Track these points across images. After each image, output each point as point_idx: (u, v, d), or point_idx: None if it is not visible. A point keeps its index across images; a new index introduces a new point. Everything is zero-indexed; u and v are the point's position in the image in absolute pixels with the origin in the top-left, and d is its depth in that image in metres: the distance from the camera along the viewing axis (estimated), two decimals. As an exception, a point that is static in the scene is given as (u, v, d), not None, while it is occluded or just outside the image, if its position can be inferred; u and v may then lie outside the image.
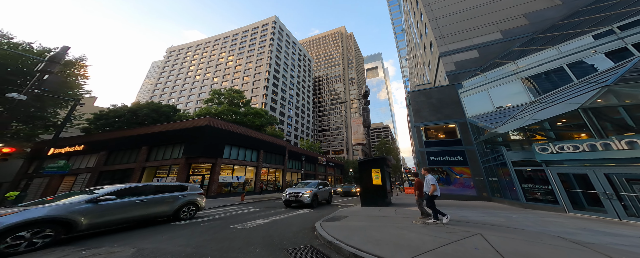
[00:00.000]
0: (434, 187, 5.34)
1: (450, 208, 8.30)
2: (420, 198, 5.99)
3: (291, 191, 10.09)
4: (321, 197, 10.95)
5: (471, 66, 17.04)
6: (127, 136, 14.76)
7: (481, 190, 12.29)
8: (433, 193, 5.32)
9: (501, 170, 10.14)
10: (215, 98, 30.59)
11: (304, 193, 9.82)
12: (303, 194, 9.78)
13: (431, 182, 5.44)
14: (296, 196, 9.81)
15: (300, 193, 9.83)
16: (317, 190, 10.40)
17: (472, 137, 13.47)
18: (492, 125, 10.67)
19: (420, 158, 15.02)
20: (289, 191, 10.13)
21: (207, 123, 13.40)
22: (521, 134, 9.76)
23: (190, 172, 12.74)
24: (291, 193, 10.03)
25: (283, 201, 10.11)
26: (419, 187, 5.93)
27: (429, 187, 5.41)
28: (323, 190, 11.21)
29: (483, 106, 13.14)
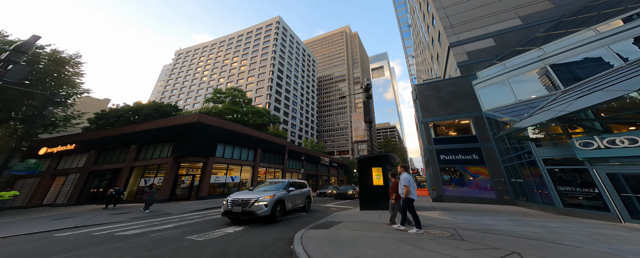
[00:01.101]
0: (407, 188, 4.46)
1: (466, 214, 6.95)
2: (397, 201, 4.98)
3: (236, 198, 6.02)
4: (293, 204, 7.37)
5: (486, 55, 15.42)
6: (117, 135, 14.32)
7: (502, 192, 10.71)
8: (408, 196, 4.44)
9: (529, 169, 8.60)
10: (216, 97, 30.32)
11: (258, 199, 5.84)
12: (256, 201, 5.76)
13: (404, 182, 4.53)
14: (245, 204, 5.76)
15: (252, 199, 5.82)
16: (283, 194, 6.68)
17: (490, 133, 11.90)
18: (515, 118, 9.17)
19: (429, 157, 13.56)
20: (232, 198, 6.06)
21: (198, 120, 12.66)
22: (554, 128, 8.22)
23: (179, 172, 12.04)
24: (235, 201, 5.90)
25: (221, 214, 6.12)
26: (395, 188, 4.94)
27: (402, 189, 4.52)
28: (295, 194, 7.51)
29: (502, 98, 11.58)
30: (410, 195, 4.43)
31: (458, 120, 14.73)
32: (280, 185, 7.41)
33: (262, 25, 67.57)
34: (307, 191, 8.81)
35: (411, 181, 4.53)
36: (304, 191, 8.49)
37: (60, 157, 14.98)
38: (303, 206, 8.37)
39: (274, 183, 7.68)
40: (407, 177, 4.55)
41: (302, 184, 8.68)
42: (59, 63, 14.28)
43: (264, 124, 31.12)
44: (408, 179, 4.52)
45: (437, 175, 12.83)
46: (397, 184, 4.88)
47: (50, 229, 5.48)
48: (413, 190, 4.47)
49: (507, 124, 10.45)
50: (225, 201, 6.17)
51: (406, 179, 4.52)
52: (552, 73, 9.87)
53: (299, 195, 7.90)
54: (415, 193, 4.51)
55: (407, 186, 4.44)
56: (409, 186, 4.43)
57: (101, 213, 8.27)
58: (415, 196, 4.48)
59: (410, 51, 76.08)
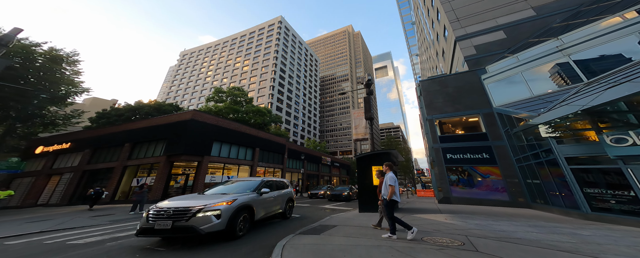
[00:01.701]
0: (392, 189, 3.98)
1: (478, 218, 6.20)
2: None
3: (163, 206, 3.84)
4: (266, 210, 5.33)
5: (496, 48, 14.52)
6: (111, 133, 14.02)
7: (516, 194, 9.83)
8: (392, 198, 3.98)
9: (548, 169, 7.75)
10: (217, 96, 30.15)
11: (206, 207, 3.80)
12: (200, 211, 3.71)
13: (390, 182, 4.08)
14: (180, 216, 3.64)
15: (194, 207, 3.73)
16: (251, 198, 4.73)
17: (502, 130, 11.03)
18: (532, 113, 8.33)
19: (435, 156, 12.76)
20: (159, 207, 3.84)
21: (192, 117, 12.20)
22: (578, 123, 7.37)
23: (174, 171, 11.64)
24: (162, 212, 3.74)
25: (135, 234, 3.84)
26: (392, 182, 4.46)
27: (387, 189, 4.04)
28: (269, 197, 5.52)
29: (516, 93, 10.71)
30: (395, 197, 3.99)
31: (466, 117, 13.90)
32: (249, 183, 5.46)
33: (264, 26, 67.65)
34: (287, 192, 6.80)
35: (397, 181, 4.17)
36: (283, 193, 6.50)
37: (56, 156, 14.87)
38: (282, 212, 6.32)
39: (241, 183, 5.56)
40: (392, 176, 4.12)
41: (281, 184, 6.82)
42: (55, 61, 14.21)
43: (265, 123, 30.75)
44: (394, 179, 4.09)
45: (443, 175, 12.02)
46: (393, 179, 4.32)
47: (6, 235, 4.90)
48: (397, 190, 4.07)
49: (522, 121, 9.60)
50: (145, 213, 3.81)
51: (392, 178, 4.07)
52: (572, 64, 8.98)
53: (276, 198, 5.90)
54: (399, 195, 4.12)
55: (392, 186, 3.97)
56: (394, 187, 3.98)
57: (82, 215, 7.85)
58: (398, 198, 4.07)
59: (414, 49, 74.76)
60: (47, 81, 14.00)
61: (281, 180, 7.05)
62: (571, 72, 8.97)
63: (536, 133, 8.10)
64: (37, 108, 14.59)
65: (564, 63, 9.36)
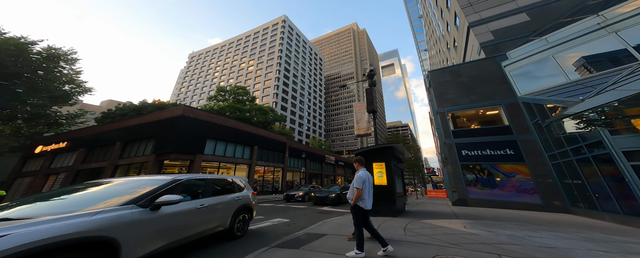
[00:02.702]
0: (358, 192, 3.00)
1: (506, 225, 4.92)
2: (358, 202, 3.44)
3: None
4: (172, 236, 2.73)
5: (519, 32, 12.91)
6: (103, 132, 13.68)
7: (549, 196, 8.32)
8: (356, 203, 3.03)
9: (596, 166, 6.29)
10: (220, 95, 29.99)
11: None
12: None
13: (356, 183, 3.08)
14: None
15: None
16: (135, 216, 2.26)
17: (530, 122, 9.51)
18: (571, 99, 6.89)
19: (447, 152, 11.38)
20: None
21: (182, 113, 11.42)
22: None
23: (169, 170, 11.09)
24: None
25: None
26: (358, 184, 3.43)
27: (353, 191, 3.10)
28: (190, 209, 3.07)
29: (547, 79, 9.22)
30: (361, 202, 3.01)
31: (483, 110, 12.39)
32: (131, 186, 2.79)
33: (268, 25, 67.70)
34: (239, 200, 4.25)
35: (368, 182, 3.10)
36: (229, 200, 4.00)
37: (54, 155, 14.87)
38: (227, 230, 3.91)
39: (117, 186, 2.86)
40: (361, 176, 3.09)
41: (227, 186, 4.26)
42: (52, 59, 14.21)
43: (267, 121, 30.23)
44: (363, 179, 3.05)
45: (458, 174, 10.64)
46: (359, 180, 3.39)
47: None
48: (367, 195, 3.06)
49: (556, 110, 8.11)
50: None
51: (360, 179, 3.05)
52: (622, 42, 7.41)
53: (208, 210, 3.41)
54: (369, 201, 3.08)
55: (359, 189, 2.99)
56: (361, 190, 3.00)
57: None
58: (368, 205, 3.05)
59: (422, 45, 71.92)
60: (44, 79, 14.04)
61: (226, 179, 4.39)
62: (618, 53, 7.42)
63: (578, 124, 6.65)
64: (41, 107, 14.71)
65: (608, 41, 7.80)
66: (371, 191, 3.13)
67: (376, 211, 6.53)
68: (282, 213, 7.79)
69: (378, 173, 6.86)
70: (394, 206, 6.46)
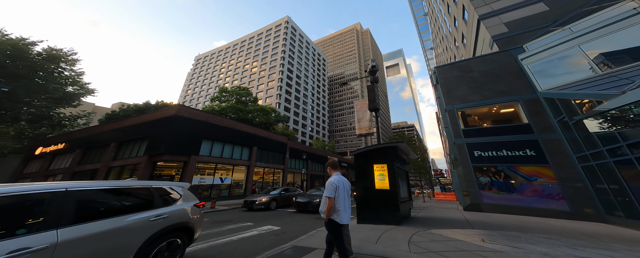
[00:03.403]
0: (330, 202, 2.32)
1: (537, 240, 4.01)
2: None
3: None
4: None
5: (537, 22, 11.92)
6: (99, 133, 13.39)
7: (579, 202, 7.33)
8: (330, 218, 2.37)
9: None
10: (222, 96, 29.93)
11: None
12: None
13: (327, 192, 2.38)
14: None
15: None
16: None
17: (554, 119, 8.53)
18: (608, 92, 5.97)
19: (458, 153, 10.48)
20: None
21: (176, 113, 11.00)
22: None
23: (155, 172, 10.58)
24: None
25: None
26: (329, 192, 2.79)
27: (324, 203, 2.42)
28: None
29: (572, 72, 8.26)
30: (335, 215, 2.31)
31: (497, 107, 11.43)
32: None
33: (271, 27, 68.04)
34: (162, 219, 2.64)
35: (342, 188, 2.40)
36: (131, 223, 2.35)
37: (53, 157, 14.81)
38: None
39: None
40: (333, 182, 2.38)
41: (134, 199, 2.65)
42: (52, 60, 14.25)
43: (269, 122, 29.88)
44: (334, 186, 2.35)
45: (470, 177, 9.73)
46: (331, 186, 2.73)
47: None
48: (342, 205, 2.35)
49: (585, 106, 7.15)
50: None
51: (331, 186, 2.35)
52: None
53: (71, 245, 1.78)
54: (345, 214, 2.36)
55: (331, 198, 2.30)
56: (334, 200, 2.30)
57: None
58: (343, 219, 2.34)
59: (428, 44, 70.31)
60: (44, 79, 14.10)
61: (134, 186, 2.75)
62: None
63: (618, 120, 5.71)
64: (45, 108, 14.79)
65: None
66: (347, 200, 2.43)
67: (379, 218, 5.82)
68: (275, 220, 7.17)
69: (379, 175, 6.14)
70: (397, 213, 5.71)
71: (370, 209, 5.99)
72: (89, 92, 17.10)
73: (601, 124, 6.39)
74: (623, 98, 5.09)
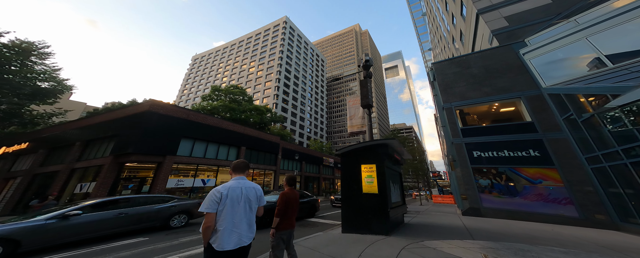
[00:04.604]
0: (207, 219, 1.61)
1: (548, 255, 3.27)
2: (279, 231, 2.45)
3: None
4: None
5: (539, 16, 11.33)
6: (65, 131, 12.25)
7: (590, 207, 6.61)
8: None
9: None
10: (215, 95, 29.16)
11: None
12: None
13: (205, 204, 1.67)
14: None
15: None
16: None
17: (559, 117, 7.85)
18: (622, 84, 5.29)
19: (456, 153, 9.77)
20: None
21: (149, 109, 10.05)
22: None
23: (124, 174, 9.65)
24: None
25: None
26: (280, 210, 2.49)
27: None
28: None
29: (578, 66, 7.63)
30: (213, 238, 1.63)
31: (497, 104, 10.77)
32: None
33: (269, 27, 67.64)
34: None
35: (233, 199, 1.71)
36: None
37: (16, 158, 13.64)
38: None
39: None
40: (218, 190, 1.71)
41: None
42: (20, 53, 13.28)
43: (264, 122, 29.11)
44: (217, 196, 1.68)
45: (468, 179, 9.01)
46: (282, 203, 2.49)
47: None
48: (227, 222, 1.66)
49: (597, 102, 6.46)
50: None
51: (211, 196, 1.67)
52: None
53: None
54: (230, 238, 1.63)
55: (209, 214, 1.63)
56: (213, 216, 1.63)
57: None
58: (225, 245, 1.60)
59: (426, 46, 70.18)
60: (11, 74, 13.13)
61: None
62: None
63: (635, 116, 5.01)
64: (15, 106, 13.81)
65: None
66: (243, 217, 1.67)
67: (366, 226, 5.06)
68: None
69: (367, 177, 5.40)
70: (386, 222, 4.95)
71: (357, 216, 5.23)
72: (67, 88, 16.19)
73: (616, 122, 5.70)
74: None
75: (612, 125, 5.73)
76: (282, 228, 2.43)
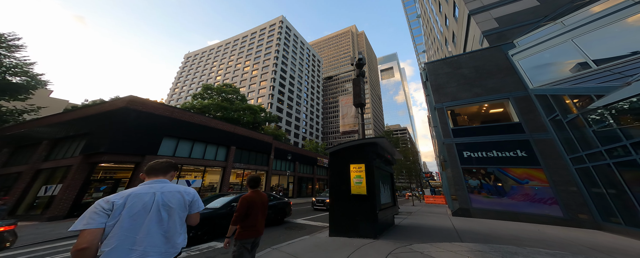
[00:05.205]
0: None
1: (534, 257, 3.19)
2: (240, 239, 2.19)
3: None
4: None
5: (527, 18, 11.51)
6: (33, 128, 11.39)
7: (573, 207, 6.66)
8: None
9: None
10: (206, 93, 28.46)
11: None
12: None
13: (81, 220, 1.12)
14: None
15: None
16: None
17: (545, 118, 7.92)
18: (606, 85, 5.33)
19: (447, 154, 9.76)
20: None
21: (126, 105, 9.32)
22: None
23: (96, 175, 8.94)
24: None
25: None
26: (238, 216, 2.24)
27: None
28: None
29: (563, 68, 7.72)
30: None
31: (486, 107, 10.88)
32: None
33: (265, 26, 66.98)
34: None
35: (129, 208, 1.23)
36: None
37: None
38: None
39: None
40: (106, 201, 1.21)
41: None
42: None
43: (257, 122, 28.61)
44: (105, 206, 1.19)
45: (459, 179, 8.99)
46: (242, 207, 2.22)
47: None
48: (116, 239, 1.16)
49: (581, 103, 6.53)
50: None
51: (95, 208, 1.17)
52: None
53: None
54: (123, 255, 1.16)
55: (83, 232, 1.09)
56: (90, 234, 1.10)
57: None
58: None
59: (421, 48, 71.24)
60: None
61: None
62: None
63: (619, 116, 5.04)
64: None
65: None
66: (146, 228, 1.25)
67: (354, 229, 4.87)
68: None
69: (356, 178, 5.20)
70: (375, 225, 4.76)
71: (345, 219, 5.03)
72: (41, 84, 15.24)
73: (600, 122, 5.74)
74: (628, 89, 4.40)
75: (596, 126, 5.77)
76: (246, 236, 2.17)
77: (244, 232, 2.16)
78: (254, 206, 2.28)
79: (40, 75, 15.20)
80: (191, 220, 1.54)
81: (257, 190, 2.48)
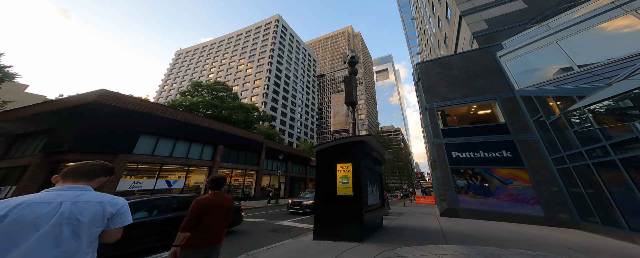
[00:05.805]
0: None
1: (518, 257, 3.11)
2: (187, 249, 1.87)
3: None
4: None
5: (515, 20, 11.69)
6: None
7: (554, 207, 6.75)
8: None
9: (627, 172, 4.71)
10: (196, 91, 27.64)
11: None
12: None
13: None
14: None
15: None
16: None
17: (530, 119, 8.02)
18: (588, 86, 5.38)
19: (436, 154, 9.76)
20: None
21: (97, 99, 8.61)
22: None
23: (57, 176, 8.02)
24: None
25: None
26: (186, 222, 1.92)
27: None
28: None
29: (548, 69, 7.84)
30: None
31: (475, 108, 11.00)
32: None
33: (261, 24, 66.07)
34: None
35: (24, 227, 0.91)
36: None
37: None
38: None
39: None
40: None
41: None
42: None
43: (250, 120, 28.06)
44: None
45: (447, 180, 9.00)
46: (193, 211, 1.97)
47: None
48: None
49: (563, 105, 6.61)
50: None
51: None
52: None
53: None
54: None
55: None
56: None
57: None
58: None
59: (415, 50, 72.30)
60: None
61: None
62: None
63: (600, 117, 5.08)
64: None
65: (627, 22, 6.45)
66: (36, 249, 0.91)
67: (339, 233, 4.66)
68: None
69: (342, 178, 5.01)
70: (360, 228, 4.57)
71: (330, 221, 4.81)
72: (8, 76, 14.18)
73: (581, 123, 5.80)
74: (609, 90, 4.42)
75: (577, 126, 5.83)
76: (197, 246, 1.90)
77: (194, 240, 1.90)
78: (211, 210, 2.02)
79: (7, 67, 14.17)
80: (108, 237, 1.20)
81: (219, 192, 2.21)
